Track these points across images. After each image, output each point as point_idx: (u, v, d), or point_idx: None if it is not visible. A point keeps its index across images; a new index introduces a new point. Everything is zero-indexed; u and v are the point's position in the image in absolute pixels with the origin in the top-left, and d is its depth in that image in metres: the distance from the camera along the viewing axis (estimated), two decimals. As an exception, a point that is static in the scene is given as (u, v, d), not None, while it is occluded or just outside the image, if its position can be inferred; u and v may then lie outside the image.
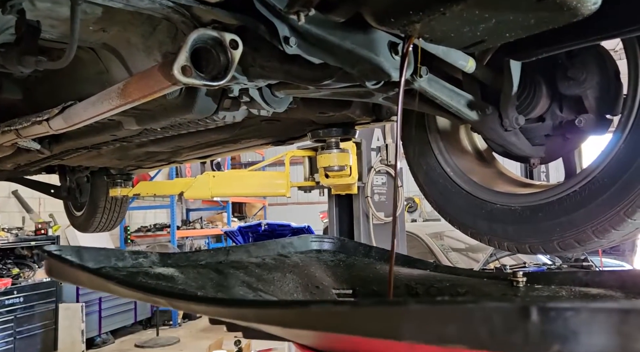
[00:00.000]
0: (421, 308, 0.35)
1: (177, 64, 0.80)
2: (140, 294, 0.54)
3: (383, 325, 0.38)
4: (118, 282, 0.53)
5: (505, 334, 0.35)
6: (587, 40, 0.86)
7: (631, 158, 1.00)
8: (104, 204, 3.10)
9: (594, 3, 0.69)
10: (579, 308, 0.34)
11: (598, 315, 0.34)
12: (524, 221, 1.15)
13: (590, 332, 0.34)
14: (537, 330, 0.34)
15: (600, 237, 1.00)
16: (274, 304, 0.46)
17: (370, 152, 3.06)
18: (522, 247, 1.15)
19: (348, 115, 1.40)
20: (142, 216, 9.55)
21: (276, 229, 6.75)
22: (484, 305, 0.35)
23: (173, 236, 8.33)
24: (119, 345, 7.31)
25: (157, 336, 7.44)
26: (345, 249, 1.18)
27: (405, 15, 0.69)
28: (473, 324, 0.35)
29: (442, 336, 0.36)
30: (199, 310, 0.49)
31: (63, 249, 0.72)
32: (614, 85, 1.11)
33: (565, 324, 0.34)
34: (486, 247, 4.62)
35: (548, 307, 0.34)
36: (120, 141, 1.65)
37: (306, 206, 9.66)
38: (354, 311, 0.39)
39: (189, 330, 8.07)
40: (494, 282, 0.96)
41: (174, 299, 0.49)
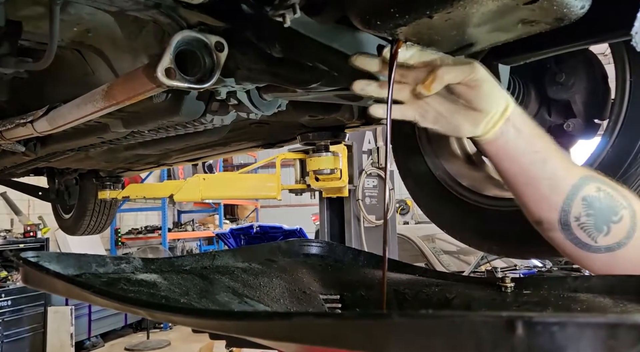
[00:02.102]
0: (406, 321, 0.34)
1: (160, 66, 0.79)
2: (117, 304, 0.53)
3: (367, 338, 0.37)
4: (94, 292, 0.52)
5: (491, 348, 0.34)
6: (575, 44, 0.86)
7: (619, 162, 1.00)
8: (93, 207, 3.07)
9: (581, 7, 0.69)
10: (565, 322, 0.33)
11: (585, 329, 0.33)
12: (513, 225, 1.15)
13: (578, 348, 0.33)
14: (523, 344, 0.33)
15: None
16: (254, 316, 0.45)
17: (361, 155, 3.05)
18: (512, 251, 1.15)
19: (337, 119, 1.39)
20: (133, 218, 9.49)
21: (268, 231, 6.74)
22: (470, 318, 0.34)
23: (164, 238, 8.29)
24: (109, 348, 7.25)
25: (147, 339, 7.38)
26: (333, 254, 1.16)
27: (391, 19, 0.68)
28: (459, 338, 0.34)
29: (429, 349, 0.35)
30: (178, 321, 0.47)
31: (41, 255, 0.70)
32: (602, 90, 1.11)
33: (552, 339, 0.33)
34: (477, 250, 4.64)
35: (534, 321, 0.33)
36: (108, 144, 1.63)
37: (298, 208, 9.66)
38: (336, 323, 0.37)
39: (180, 333, 8.02)
40: (482, 287, 0.95)
41: (152, 310, 0.48)
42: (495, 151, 0.84)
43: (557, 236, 0.86)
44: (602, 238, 0.82)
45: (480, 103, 0.79)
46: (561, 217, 0.83)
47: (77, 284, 0.54)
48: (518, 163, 0.83)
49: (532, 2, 0.65)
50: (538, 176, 0.83)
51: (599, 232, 0.82)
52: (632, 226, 0.81)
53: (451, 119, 0.82)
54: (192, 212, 10.70)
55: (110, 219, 3.19)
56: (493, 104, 0.80)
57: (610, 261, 0.84)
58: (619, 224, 0.81)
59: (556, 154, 0.83)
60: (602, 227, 0.82)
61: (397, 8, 0.65)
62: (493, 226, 1.20)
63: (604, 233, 0.82)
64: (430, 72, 0.77)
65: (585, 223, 0.82)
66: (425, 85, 0.77)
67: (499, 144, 0.82)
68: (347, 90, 1.04)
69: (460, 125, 0.82)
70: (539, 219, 0.87)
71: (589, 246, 0.83)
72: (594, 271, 0.88)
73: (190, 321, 0.46)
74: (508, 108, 0.81)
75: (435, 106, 0.82)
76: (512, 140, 0.82)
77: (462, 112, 0.81)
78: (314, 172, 1.81)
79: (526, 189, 0.85)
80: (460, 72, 0.77)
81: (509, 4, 0.65)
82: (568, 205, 0.82)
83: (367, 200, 3.01)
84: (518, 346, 0.33)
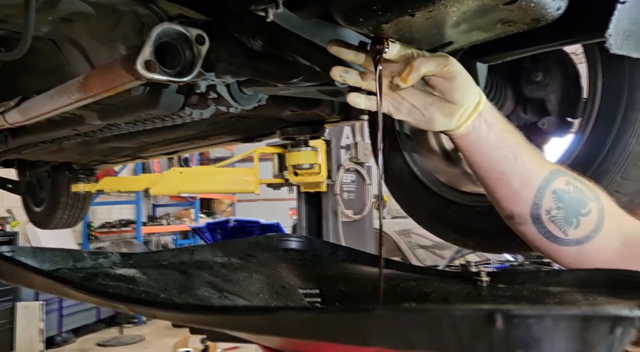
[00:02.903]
0: (389, 315, 0.35)
1: (140, 58, 0.78)
2: (98, 299, 0.52)
3: (351, 331, 0.38)
4: (75, 287, 0.51)
5: (471, 340, 0.35)
6: (551, 44, 0.88)
7: (591, 160, 1.03)
8: (66, 200, 3.01)
9: (558, 9, 0.71)
10: (541, 315, 0.34)
11: (560, 321, 0.34)
12: (489, 220, 1.17)
13: (552, 339, 0.34)
14: (501, 337, 0.34)
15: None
16: (238, 310, 0.45)
17: (339, 150, 3.06)
18: (487, 246, 1.17)
19: (318, 114, 1.39)
20: (106, 211, 9.31)
21: (245, 225, 6.71)
22: (451, 312, 0.35)
23: (139, 232, 8.17)
24: (81, 344, 7.13)
25: (120, 335, 7.29)
26: (312, 248, 1.17)
27: (374, 16, 0.69)
28: (440, 331, 0.35)
29: (411, 342, 0.36)
30: (160, 316, 0.47)
31: (17, 250, 0.69)
32: (575, 89, 1.14)
33: (529, 331, 0.34)
34: (452, 245, 4.71)
35: (512, 314, 0.34)
36: (82, 136, 1.60)
37: (275, 202, 9.63)
38: (322, 318, 0.38)
39: (154, 328, 7.93)
40: (458, 282, 0.97)
41: (134, 305, 0.48)
42: (468, 145, 0.86)
43: (529, 230, 0.88)
44: (572, 231, 0.84)
45: (455, 95, 0.81)
46: (533, 211, 0.85)
47: (56, 279, 0.53)
48: (490, 157, 0.85)
49: (511, 2, 0.66)
50: (509, 170, 0.85)
51: (569, 225, 0.84)
52: (600, 219, 0.84)
53: (425, 112, 0.84)
54: (168, 205, 10.56)
55: (84, 213, 3.13)
56: (466, 97, 0.82)
57: (579, 254, 0.87)
58: (587, 217, 0.84)
59: (526, 148, 0.85)
60: (572, 220, 0.84)
61: (379, 5, 0.66)
62: (469, 221, 1.22)
63: (574, 226, 0.84)
64: (406, 64, 0.78)
65: (556, 216, 0.84)
66: (402, 76, 0.79)
67: (471, 138, 0.84)
68: (329, 85, 1.05)
69: (433, 117, 0.83)
70: (511, 213, 0.89)
71: (560, 239, 0.85)
72: (563, 264, 0.91)
73: (172, 315, 0.46)
74: (480, 102, 0.83)
75: (410, 99, 0.84)
76: (484, 135, 0.84)
77: (436, 105, 0.83)
78: (293, 167, 1.82)
79: (498, 183, 0.87)
80: (436, 63, 0.79)
81: (489, 4, 0.66)
82: (539, 198, 0.84)
83: (345, 195, 3.03)
84: (497, 338, 0.34)
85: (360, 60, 0.83)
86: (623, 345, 0.37)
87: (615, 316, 0.35)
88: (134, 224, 8.57)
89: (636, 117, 0.97)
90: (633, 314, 0.35)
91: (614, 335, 0.35)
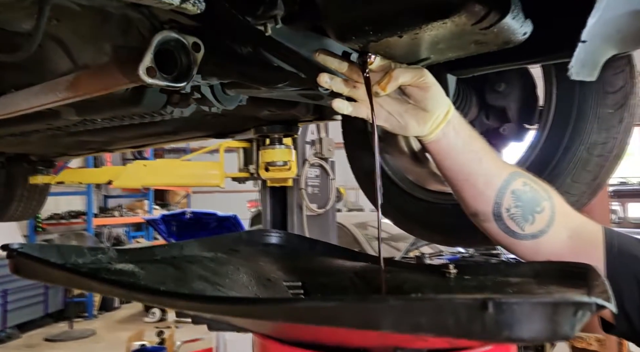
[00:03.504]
0: (401, 303, 0.43)
1: (142, 65, 0.82)
2: (123, 292, 0.57)
3: (366, 318, 0.45)
4: (103, 281, 0.56)
5: (467, 323, 0.43)
6: (515, 63, 0.99)
7: (546, 163, 1.15)
8: (22, 192, 2.93)
9: (524, 34, 0.81)
10: (523, 302, 0.43)
11: (537, 307, 0.43)
12: (454, 217, 1.28)
13: (531, 321, 0.43)
14: (492, 320, 0.43)
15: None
16: (262, 301, 0.51)
17: (304, 145, 3.14)
18: (452, 241, 1.28)
19: (293, 114, 1.45)
20: (54, 202, 8.97)
21: (201, 217, 6.67)
22: (452, 300, 0.43)
23: (90, 224, 7.95)
24: (27, 340, 6.89)
25: (70, 329, 7.08)
26: (291, 243, 1.24)
27: (365, 35, 0.76)
28: (443, 316, 0.43)
29: (417, 326, 0.44)
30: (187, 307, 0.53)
31: (25, 246, 0.72)
32: (532, 99, 1.26)
33: (513, 315, 0.43)
34: (407, 237, 4.89)
35: (501, 301, 0.42)
36: (54, 130, 1.59)
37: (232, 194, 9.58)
38: (341, 307, 0.45)
39: (105, 322, 7.77)
40: (427, 274, 1.06)
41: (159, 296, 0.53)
42: (438, 150, 0.95)
43: (491, 226, 0.98)
44: (528, 227, 0.95)
45: (428, 104, 0.90)
46: (494, 209, 0.95)
47: (83, 275, 0.57)
48: (457, 161, 0.95)
49: (486, 28, 0.75)
50: (474, 172, 0.94)
51: (526, 222, 0.94)
52: (552, 215, 0.94)
53: (400, 118, 0.92)
54: (120, 197, 10.30)
55: (41, 205, 3.05)
56: (438, 106, 0.91)
57: (534, 247, 0.97)
58: (541, 214, 0.94)
59: (489, 153, 0.96)
60: (528, 217, 0.94)
61: (372, 26, 0.73)
62: (435, 217, 1.32)
63: (529, 222, 0.94)
64: (385, 74, 0.87)
65: (515, 214, 0.94)
66: (382, 85, 0.87)
67: (441, 143, 0.94)
68: (311, 90, 1.11)
69: (408, 124, 0.92)
70: (475, 211, 0.99)
71: (518, 233, 0.96)
72: (521, 256, 1.01)
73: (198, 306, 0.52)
74: (450, 111, 0.93)
75: (387, 106, 0.92)
76: (453, 140, 0.93)
77: (411, 112, 0.92)
78: (267, 164, 1.87)
79: (464, 184, 0.97)
80: (412, 74, 0.88)
81: (467, 29, 0.75)
82: (500, 198, 0.94)
83: (309, 189, 3.10)
84: (488, 321, 0.43)
85: (343, 69, 0.90)
86: (581, 325, 0.47)
87: (578, 302, 0.44)
88: (84, 216, 8.32)
89: (584, 127, 1.10)
90: (591, 300, 0.45)
91: (576, 317, 0.45)
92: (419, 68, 0.89)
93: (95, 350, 6.38)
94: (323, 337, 0.70)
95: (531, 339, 0.44)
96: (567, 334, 0.44)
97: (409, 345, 0.57)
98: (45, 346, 6.60)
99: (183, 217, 6.68)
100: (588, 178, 1.12)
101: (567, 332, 0.44)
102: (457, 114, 0.94)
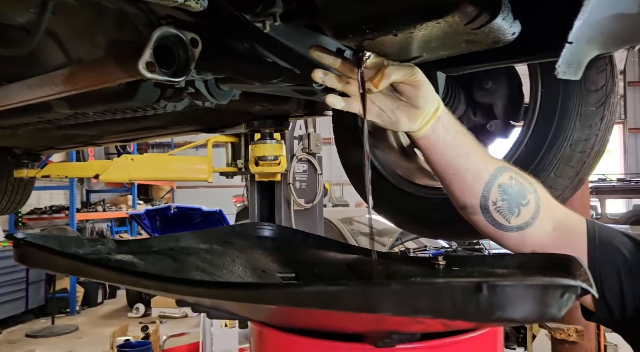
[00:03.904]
0: (402, 287, 0.46)
1: (142, 60, 0.83)
2: (129, 278, 0.59)
3: (367, 302, 0.48)
4: (109, 269, 0.57)
5: (463, 305, 0.46)
6: (504, 62, 1.02)
7: (531, 159, 1.19)
8: (6, 186, 2.90)
9: (512, 34, 0.84)
10: (515, 285, 0.46)
11: (529, 289, 0.46)
12: (441, 211, 1.31)
13: (522, 302, 0.47)
14: (485, 301, 0.46)
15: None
16: (265, 286, 0.54)
17: (292, 140, 3.15)
18: (439, 235, 1.32)
19: (284, 109, 1.47)
20: (36, 197, 8.85)
21: (186, 212, 6.63)
22: (449, 283, 0.46)
23: (72, 219, 7.85)
24: (7, 336, 6.80)
25: (52, 325, 7.01)
26: (284, 236, 1.26)
27: (362, 34, 0.79)
28: (440, 299, 0.46)
29: (416, 308, 0.47)
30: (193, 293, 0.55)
31: (29, 236, 0.74)
32: (518, 96, 1.30)
33: (506, 297, 0.46)
34: (392, 232, 4.95)
35: (495, 284, 0.46)
36: (44, 123, 1.58)
37: (217, 189, 9.54)
38: (343, 291, 0.48)
39: (88, 317, 7.70)
40: (418, 265, 1.10)
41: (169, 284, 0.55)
42: (428, 145, 0.98)
43: (479, 219, 1.02)
44: (514, 219, 0.98)
45: (419, 101, 0.93)
46: (482, 202, 0.99)
47: (89, 262, 0.59)
48: (446, 156, 0.98)
49: (477, 28, 0.79)
50: (463, 167, 0.98)
51: (512, 214, 0.98)
52: (537, 208, 0.98)
53: (391, 115, 0.95)
54: (103, 191, 10.18)
55: (25, 199, 3.02)
56: (428, 102, 0.94)
57: (520, 238, 1.01)
58: (527, 207, 0.98)
59: (477, 148, 0.99)
60: (514, 209, 0.98)
61: (368, 25, 0.76)
62: (423, 211, 1.36)
63: (515, 215, 0.98)
64: (378, 71, 0.89)
65: (501, 207, 0.98)
66: (374, 82, 0.90)
67: (430, 139, 0.97)
68: (305, 85, 1.14)
69: (399, 120, 0.95)
70: (464, 204, 1.02)
71: (504, 226, 0.99)
72: (507, 247, 1.05)
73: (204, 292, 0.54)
74: (439, 108, 0.96)
75: (379, 102, 0.95)
76: (442, 136, 0.97)
77: (402, 109, 0.95)
78: (257, 158, 1.88)
79: (453, 178, 1.00)
80: (404, 72, 0.91)
81: (459, 29, 0.78)
82: (487, 191, 0.98)
83: (297, 184, 3.13)
84: (482, 302, 0.46)
85: (336, 65, 0.93)
86: (567, 307, 0.51)
87: (565, 285, 0.47)
88: (66, 211, 8.22)
89: (568, 124, 1.14)
90: (577, 283, 0.48)
91: (563, 299, 0.48)
92: (410, 66, 0.92)
93: (77, 345, 6.32)
94: (320, 323, 0.73)
95: (522, 320, 0.47)
96: (554, 314, 0.47)
97: (405, 329, 0.60)
98: (26, 342, 6.52)
99: (167, 212, 6.64)
100: (571, 173, 1.17)
101: (554, 313, 0.47)
102: (447, 111, 0.98)
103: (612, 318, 0.91)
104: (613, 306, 0.89)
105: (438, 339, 0.69)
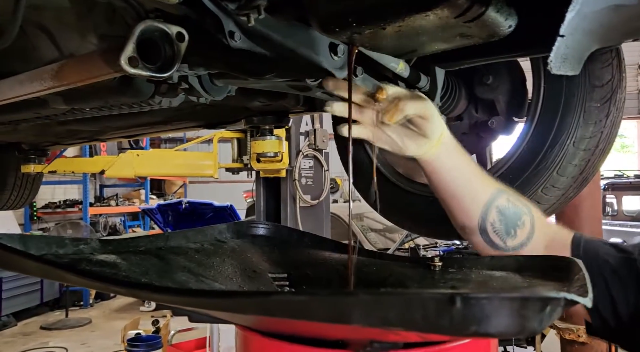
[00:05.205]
0: (370, 298, 0.43)
1: (124, 55, 0.81)
2: (98, 284, 0.57)
3: (336, 312, 0.45)
4: (78, 274, 0.55)
5: (435, 318, 0.43)
6: (502, 56, 0.98)
7: (533, 157, 1.15)
8: (14, 181, 2.92)
9: (509, 27, 0.80)
10: (491, 297, 0.43)
11: (505, 302, 0.43)
12: (440, 209, 1.28)
13: (499, 316, 0.43)
14: (459, 315, 0.43)
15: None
16: (235, 294, 0.51)
17: (299, 136, 3.13)
18: (438, 234, 1.28)
19: (283, 105, 1.44)
20: (50, 191, 8.97)
21: (198, 207, 6.67)
22: (420, 295, 0.43)
23: (85, 213, 7.94)
24: (22, 328, 6.92)
25: (66, 318, 7.11)
26: (279, 235, 1.24)
27: (349, 27, 0.76)
28: (411, 310, 0.43)
29: (386, 320, 0.44)
30: (160, 299, 0.53)
31: (3, 237, 0.72)
32: (521, 92, 1.25)
33: (482, 310, 0.43)
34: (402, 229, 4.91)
35: (469, 296, 0.42)
36: (42, 119, 1.58)
37: (229, 184, 9.57)
38: (311, 300, 0.45)
39: (101, 310, 7.80)
40: (414, 267, 1.07)
41: (131, 288, 0.53)
42: (431, 168, 1.00)
43: (477, 239, 1.04)
44: (510, 240, 1.00)
45: (428, 131, 0.95)
46: (480, 224, 1.01)
47: (59, 266, 0.57)
48: (448, 179, 1.00)
49: (469, 21, 0.75)
50: (463, 189, 1.00)
51: (508, 236, 1.00)
52: (532, 229, 1.00)
53: (400, 142, 0.98)
54: (116, 186, 10.29)
55: (34, 193, 3.05)
56: (436, 131, 0.96)
57: None
58: (522, 229, 1.00)
59: (476, 170, 1.01)
60: (510, 231, 1.00)
61: (355, 18, 0.73)
62: (422, 209, 1.33)
63: (511, 236, 1.00)
64: (393, 104, 0.91)
65: (498, 229, 1.00)
66: (389, 116, 0.91)
67: (434, 163, 0.99)
68: (298, 81, 1.11)
69: (407, 147, 0.98)
70: (463, 225, 1.04)
71: (501, 247, 1.01)
72: None
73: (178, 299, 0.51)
74: (443, 133, 0.98)
75: (390, 132, 0.97)
76: (445, 160, 0.99)
77: (411, 137, 0.97)
78: (258, 155, 1.86)
79: (453, 200, 1.02)
80: (418, 106, 0.92)
81: (451, 21, 0.74)
82: (485, 214, 1.00)
83: (303, 180, 3.10)
84: (456, 315, 0.43)
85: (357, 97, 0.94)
86: (551, 320, 0.47)
87: (546, 297, 0.44)
88: (80, 205, 8.32)
89: (571, 121, 1.09)
90: (559, 295, 0.45)
91: (544, 312, 0.45)
92: (423, 100, 0.94)
93: (90, 338, 6.41)
94: (301, 329, 0.71)
95: (499, 334, 0.44)
96: (535, 329, 0.44)
97: (384, 338, 0.57)
98: (41, 334, 6.63)
99: (179, 207, 6.68)
100: (574, 172, 1.12)
101: (535, 327, 0.44)
102: (450, 135, 0.99)
103: (607, 328, 0.89)
104: (606, 315, 0.88)
105: (423, 348, 0.66)
